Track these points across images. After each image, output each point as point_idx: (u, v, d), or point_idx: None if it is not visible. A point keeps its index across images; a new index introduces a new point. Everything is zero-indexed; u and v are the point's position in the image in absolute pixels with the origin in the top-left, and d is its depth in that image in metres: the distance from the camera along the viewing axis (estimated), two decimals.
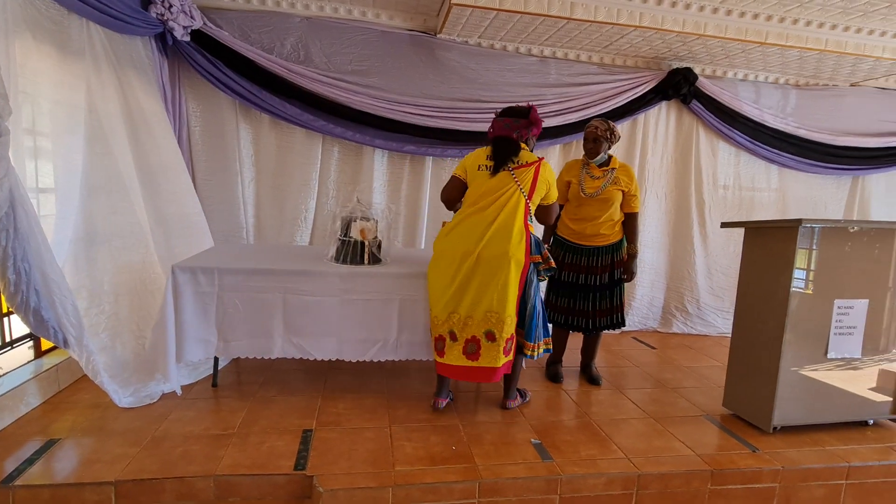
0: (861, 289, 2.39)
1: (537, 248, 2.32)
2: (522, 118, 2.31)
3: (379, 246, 2.62)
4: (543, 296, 2.83)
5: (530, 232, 2.27)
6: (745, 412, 2.48)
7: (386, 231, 2.75)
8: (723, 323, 4.16)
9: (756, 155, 4.19)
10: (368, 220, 2.57)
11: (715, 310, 4.21)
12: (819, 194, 4.43)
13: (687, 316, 4.17)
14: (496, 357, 2.24)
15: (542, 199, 2.33)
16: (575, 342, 3.07)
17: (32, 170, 2.15)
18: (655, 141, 4.05)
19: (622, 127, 3.97)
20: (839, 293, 2.35)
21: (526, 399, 2.58)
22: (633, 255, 2.77)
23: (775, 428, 2.34)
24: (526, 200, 2.24)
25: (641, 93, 3.80)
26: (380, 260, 2.61)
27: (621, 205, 2.73)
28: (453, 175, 2.36)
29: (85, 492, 1.73)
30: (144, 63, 2.85)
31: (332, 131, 3.39)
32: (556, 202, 2.43)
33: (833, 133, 4.19)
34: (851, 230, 2.35)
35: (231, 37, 3.13)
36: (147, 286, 2.68)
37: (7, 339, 2.37)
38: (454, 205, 2.41)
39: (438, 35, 3.48)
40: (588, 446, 2.15)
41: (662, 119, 4.04)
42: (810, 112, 4.17)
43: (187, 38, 3.00)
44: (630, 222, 2.77)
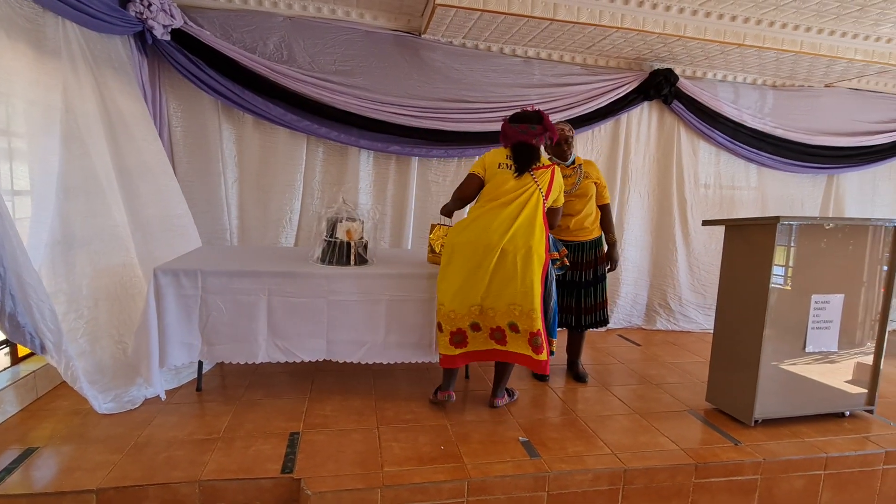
0: (837, 284, 2.45)
1: (555, 246, 2.43)
2: (537, 124, 2.36)
3: (365, 247, 2.61)
4: None
5: (548, 231, 2.36)
6: (728, 406, 2.53)
7: (372, 232, 2.74)
8: (704, 319, 4.24)
9: (735, 154, 4.28)
10: (354, 221, 2.56)
11: (697, 306, 4.29)
12: (796, 192, 4.55)
13: (670, 313, 4.24)
14: (523, 347, 2.30)
15: (553, 202, 2.41)
16: (560, 340, 3.10)
17: (7, 171, 2.10)
18: (638, 141, 4.11)
19: (605, 127, 4.04)
20: (816, 288, 2.41)
21: (514, 398, 2.59)
22: (613, 244, 2.90)
23: (756, 421, 2.40)
24: (544, 200, 2.32)
25: (624, 93, 3.85)
26: (366, 261, 2.60)
27: (595, 197, 2.84)
28: (472, 173, 2.39)
29: (65, 500, 1.69)
30: (123, 62, 2.79)
31: (317, 132, 3.36)
32: (561, 207, 2.50)
33: (809, 133, 4.31)
34: (827, 227, 2.42)
35: (213, 36, 3.09)
36: (127, 290, 2.63)
37: None
38: (468, 203, 2.44)
39: (423, 35, 3.49)
40: (575, 443, 2.18)
41: (644, 119, 4.10)
42: (787, 112, 4.27)
43: (168, 38, 2.95)
44: (605, 213, 2.90)
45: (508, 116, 2.45)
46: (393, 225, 3.73)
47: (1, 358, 2.41)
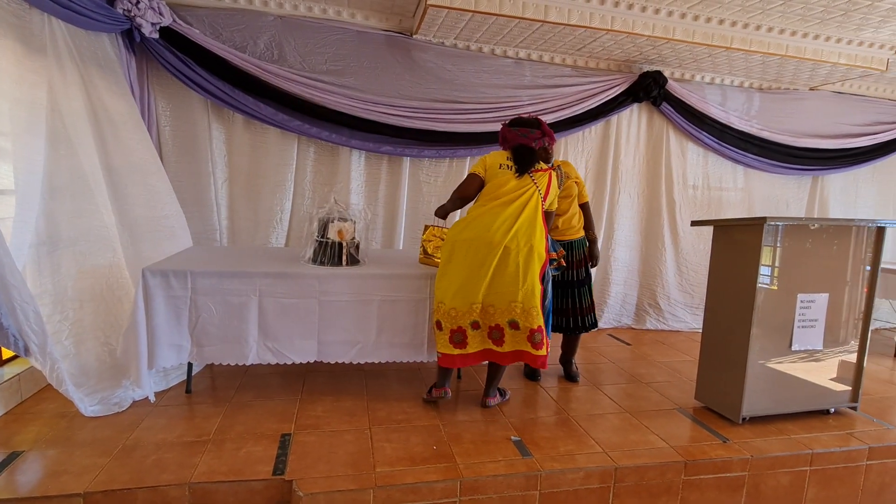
0: (822, 283, 2.50)
1: (554, 247, 2.47)
2: (536, 129, 2.41)
3: (357, 247, 2.61)
4: None
5: (547, 231, 2.40)
6: (716, 404, 2.56)
7: (364, 232, 2.73)
8: (692, 318, 4.30)
9: (723, 156, 4.34)
10: (346, 221, 2.55)
11: (685, 306, 4.34)
12: (782, 193, 4.63)
13: (659, 312, 4.28)
14: (521, 343, 2.32)
15: (549, 205, 2.43)
16: (553, 340, 3.11)
17: None
18: (628, 142, 4.15)
19: (596, 128, 4.07)
20: (801, 288, 2.45)
21: (506, 398, 2.60)
22: (594, 241, 2.96)
23: (744, 419, 2.43)
24: (542, 202, 2.36)
25: (613, 95, 3.89)
26: (358, 261, 2.59)
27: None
28: (473, 173, 2.41)
29: None
30: (111, 60, 2.75)
31: (308, 131, 3.35)
32: (555, 211, 2.54)
33: (794, 135, 4.38)
34: (812, 227, 2.46)
35: (202, 35, 3.06)
36: (114, 291, 2.59)
37: None
38: (468, 203, 2.46)
39: (414, 36, 3.49)
40: (566, 442, 2.19)
41: (634, 121, 4.14)
42: (773, 114, 4.35)
43: (156, 36, 2.91)
44: (586, 211, 2.94)
45: (507, 121, 2.49)
46: (384, 225, 3.73)
47: None
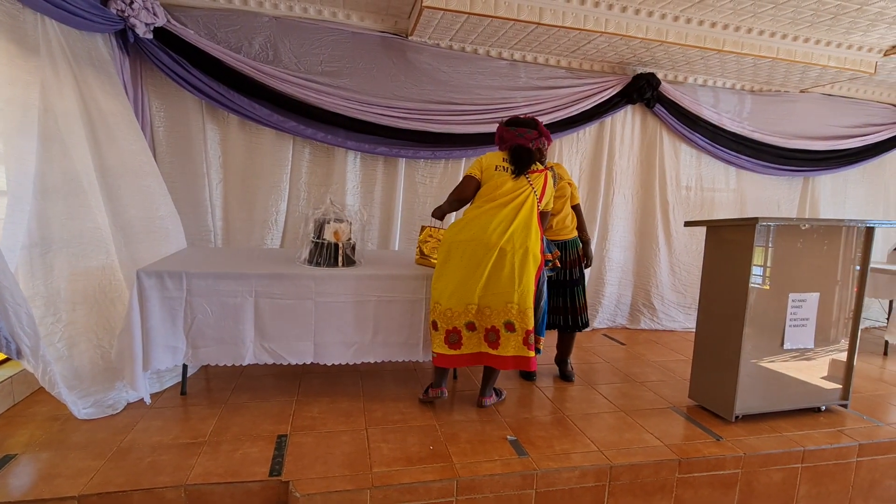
0: (812, 283, 2.53)
1: (549, 248, 2.49)
2: (533, 129, 2.42)
3: (353, 248, 2.61)
4: None
5: (543, 233, 2.41)
6: (709, 403, 2.59)
7: (360, 233, 2.73)
8: (685, 318, 4.33)
9: (715, 157, 4.38)
10: (342, 222, 2.56)
11: (678, 306, 4.37)
12: (773, 194, 4.68)
13: (653, 312, 4.31)
14: (517, 347, 2.32)
15: (545, 205, 2.44)
16: (548, 340, 3.13)
17: None
18: (622, 143, 4.18)
19: (590, 130, 4.10)
20: (793, 287, 2.49)
21: (501, 397, 2.61)
22: (587, 242, 3.00)
23: (737, 417, 2.46)
24: (538, 203, 2.36)
25: (608, 97, 3.92)
26: (354, 262, 2.60)
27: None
28: (469, 175, 2.42)
29: None
30: (105, 61, 2.73)
31: (303, 132, 3.34)
32: (550, 211, 2.55)
33: (785, 136, 4.43)
34: (803, 227, 2.49)
35: (196, 35, 3.05)
36: (107, 293, 2.57)
37: None
38: (465, 204, 2.47)
39: (410, 37, 3.49)
40: (562, 441, 2.20)
41: (628, 122, 4.17)
42: (764, 116, 4.40)
43: (150, 36, 2.90)
44: (578, 213, 2.98)
45: (504, 121, 2.49)
46: (380, 226, 3.73)
47: None
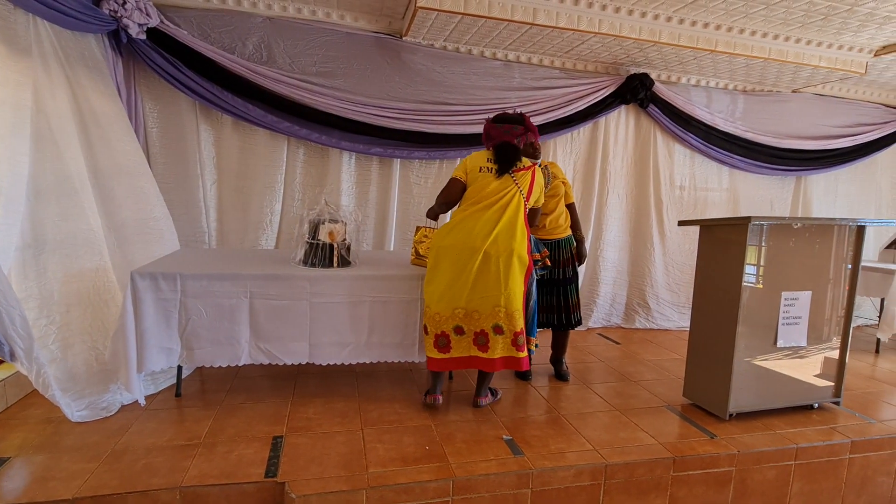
0: (805, 281, 2.55)
1: (537, 248, 2.46)
2: (519, 125, 2.41)
3: (348, 248, 2.61)
4: None
5: (530, 232, 2.38)
6: (704, 401, 2.60)
7: (355, 233, 2.73)
8: (680, 317, 4.36)
9: (708, 157, 4.41)
10: (337, 223, 2.56)
11: (672, 305, 4.40)
12: (766, 194, 4.71)
13: (648, 311, 4.33)
14: (506, 348, 2.32)
15: (534, 202, 2.44)
16: (543, 340, 3.14)
17: None
18: (616, 143, 4.20)
19: (584, 130, 4.12)
20: (785, 286, 2.51)
21: (497, 397, 2.61)
22: (581, 240, 3.00)
23: (731, 415, 2.48)
24: (525, 202, 2.34)
25: (601, 97, 3.93)
26: (349, 262, 2.59)
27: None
28: (454, 178, 2.41)
29: None
30: (98, 61, 2.72)
31: (298, 133, 3.34)
32: (541, 207, 2.55)
33: (777, 136, 4.47)
34: (795, 226, 2.51)
35: (190, 36, 3.04)
36: (101, 295, 2.56)
37: None
38: (452, 206, 2.46)
39: (404, 38, 3.50)
40: (557, 440, 2.21)
41: (622, 123, 4.19)
42: (757, 116, 4.43)
43: (143, 37, 2.89)
44: (572, 212, 2.99)
45: (491, 117, 2.48)
46: (375, 227, 3.73)
47: None
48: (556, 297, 2.87)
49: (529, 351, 2.44)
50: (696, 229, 2.69)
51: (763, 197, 4.70)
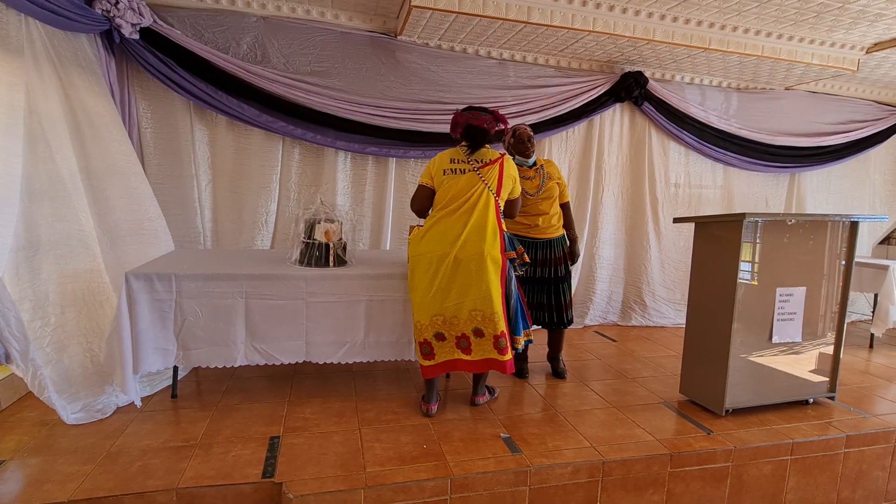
0: (799, 277, 2.57)
1: (511, 245, 2.39)
2: (488, 114, 2.37)
3: (344, 248, 2.61)
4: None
5: (503, 229, 2.34)
6: (700, 397, 2.61)
7: (350, 233, 2.73)
8: (675, 314, 4.37)
9: (703, 154, 4.43)
10: (333, 222, 2.55)
11: (668, 302, 4.41)
12: (760, 191, 4.74)
13: (644, 308, 4.35)
14: (488, 351, 2.30)
15: (509, 194, 2.40)
16: (539, 338, 3.14)
17: None
18: (611, 141, 4.21)
19: (579, 128, 4.12)
20: (780, 282, 2.52)
21: (494, 395, 2.62)
22: (575, 240, 3.00)
23: (727, 411, 2.49)
24: (495, 198, 2.30)
25: (596, 95, 3.94)
26: (345, 262, 2.59)
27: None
28: (420, 184, 2.40)
29: None
30: (90, 61, 2.71)
31: (293, 133, 3.33)
32: (520, 196, 2.51)
33: (771, 133, 4.49)
34: (789, 223, 2.53)
35: (184, 36, 3.03)
36: (96, 296, 2.55)
37: None
38: (425, 213, 2.44)
39: (399, 37, 3.49)
40: (554, 437, 2.22)
41: (617, 120, 4.20)
42: (750, 114, 4.45)
43: (136, 36, 2.87)
44: (566, 211, 2.97)
45: (459, 109, 2.44)
46: (371, 226, 3.72)
47: None
48: (549, 296, 2.87)
49: (516, 350, 2.39)
50: (692, 226, 2.70)
51: (757, 194, 4.73)
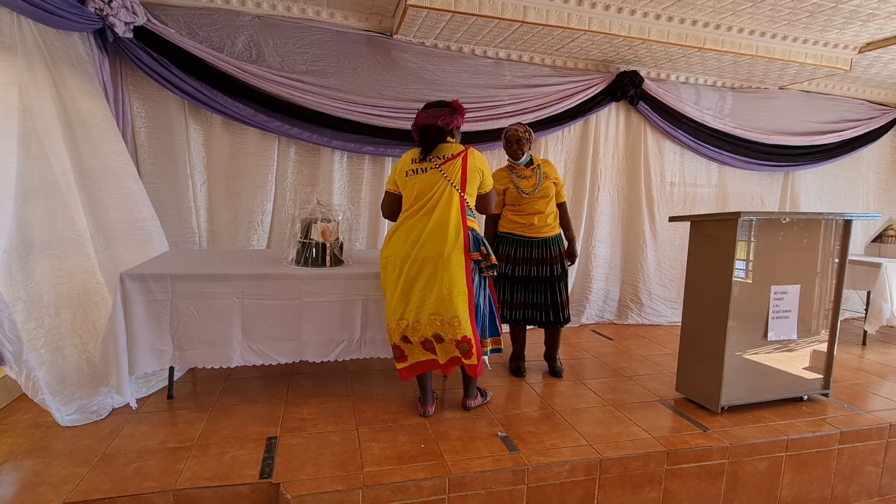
0: (794, 275, 2.59)
1: (476, 245, 2.25)
2: (444, 108, 2.29)
3: (341, 247, 2.60)
4: (501, 293, 2.89)
5: (469, 228, 2.23)
6: (696, 395, 2.63)
7: (347, 232, 2.72)
8: (672, 312, 4.39)
9: (698, 153, 4.45)
10: (329, 222, 2.54)
11: (664, 300, 4.43)
12: (756, 189, 4.77)
13: (640, 307, 4.36)
14: (452, 352, 2.25)
15: (479, 188, 2.32)
16: (535, 337, 3.15)
17: None
18: (606, 141, 4.22)
19: (575, 127, 4.13)
20: (775, 280, 2.53)
21: (486, 398, 2.57)
22: (572, 240, 3.00)
23: (723, 408, 2.50)
24: (459, 194, 2.21)
25: (592, 94, 3.95)
26: (342, 261, 2.58)
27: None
28: (386, 190, 2.38)
29: None
30: (83, 60, 2.68)
31: (289, 132, 3.32)
32: (494, 189, 2.43)
33: (765, 132, 4.52)
34: (784, 221, 2.55)
35: (178, 34, 3.01)
36: (90, 296, 2.53)
37: None
38: (396, 217, 2.37)
39: (395, 36, 3.49)
40: (552, 436, 2.22)
41: (612, 120, 4.21)
42: (745, 113, 4.48)
43: (130, 35, 2.85)
44: (563, 211, 2.97)
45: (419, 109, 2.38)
46: (368, 225, 3.72)
47: None
48: (545, 295, 2.87)
49: (495, 350, 2.37)
50: (687, 225, 2.71)
51: (752, 192, 4.76)
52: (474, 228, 2.27)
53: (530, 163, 2.88)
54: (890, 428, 2.47)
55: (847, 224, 2.65)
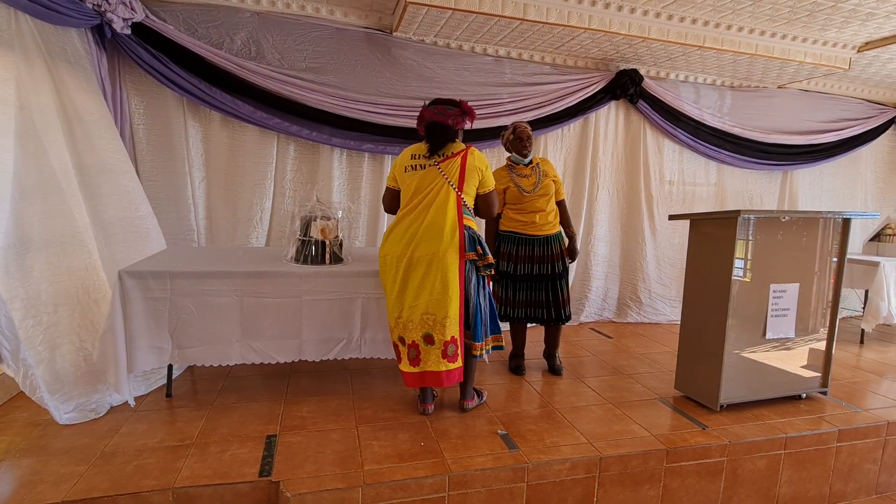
0: (792, 273, 2.59)
1: (472, 245, 2.22)
2: (454, 107, 2.25)
3: (340, 245, 2.59)
4: (503, 292, 2.89)
5: (465, 227, 2.21)
6: (695, 393, 2.63)
7: (346, 230, 2.71)
8: (670, 311, 4.40)
9: (697, 152, 4.45)
10: (329, 220, 2.54)
11: (663, 298, 4.44)
12: (755, 188, 4.77)
13: (640, 305, 4.37)
14: (437, 362, 2.18)
15: (479, 188, 2.30)
16: (535, 335, 3.15)
17: None
18: (606, 139, 4.22)
19: (574, 126, 4.13)
20: (774, 278, 2.54)
21: (482, 399, 2.54)
22: (573, 237, 3.01)
23: (722, 406, 2.51)
24: (457, 193, 2.19)
25: (592, 93, 3.95)
26: (341, 259, 2.58)
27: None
28: (387, 186, 2.39)
29: None
30: (80, 56, 2.66)
31: (288, 129, 3.31)
32: (495, 189, 2.39)
33: (763, 131, 4.53)
34: (782, 220, 2.55)
35: (176, 31, 2.99)
36: (91, 294, 2.52)
37: None
38: (396, 212, 2.37)
39: (394, 33, 3.47)
40: (552, 434, 2.22)
41: (612, 118, 4.21)
42: (744, 112, 4.48)
43: (128, 31, 2.83)
44: (562, 209, 2.99)
45: (426, 101, 2.34)
46: (368, 223, 3.70)
47: None
48: (546, 293, 2.87)
49: (475, 357, 2.29)
50: (687, 223, 2.72)
51: (750, 191, 4.76)
52: (471, 227, 2.26)
53: (530, 161, 2.88)
54: (887, 426, 2.48)
55: (846, 223, 2.66)
